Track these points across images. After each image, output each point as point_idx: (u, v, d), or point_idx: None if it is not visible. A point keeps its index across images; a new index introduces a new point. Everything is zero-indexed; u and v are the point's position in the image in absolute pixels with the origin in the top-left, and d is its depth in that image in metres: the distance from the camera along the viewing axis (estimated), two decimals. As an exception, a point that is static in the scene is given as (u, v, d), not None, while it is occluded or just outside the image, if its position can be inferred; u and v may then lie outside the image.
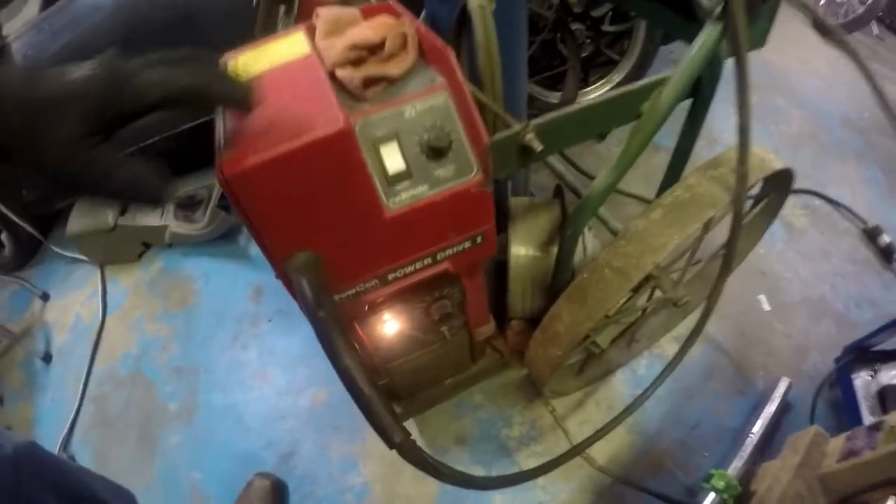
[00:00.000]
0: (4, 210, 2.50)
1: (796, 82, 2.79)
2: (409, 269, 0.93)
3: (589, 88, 2.40)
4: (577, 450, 1.34)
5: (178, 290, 2.33)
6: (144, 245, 2.50)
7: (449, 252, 0.94)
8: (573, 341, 1.11)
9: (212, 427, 1.89)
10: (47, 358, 2.29)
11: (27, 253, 2.74)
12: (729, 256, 1.18)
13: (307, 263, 0.78)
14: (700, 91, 1.12)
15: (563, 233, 1.18)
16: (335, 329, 0.70)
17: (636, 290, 1.33)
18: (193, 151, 2.38)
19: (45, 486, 1.00)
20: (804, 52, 2.89)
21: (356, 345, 1.16)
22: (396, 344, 1.26)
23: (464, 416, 1.70)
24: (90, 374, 2.16)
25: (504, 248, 1.51)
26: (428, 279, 0.97)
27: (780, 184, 1.33)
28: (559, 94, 2.34)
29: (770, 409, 1.55)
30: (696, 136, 1.23)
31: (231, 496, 1.63)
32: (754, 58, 0.92)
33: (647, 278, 1.29)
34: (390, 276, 0.93)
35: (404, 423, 1.67)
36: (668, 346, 1.75)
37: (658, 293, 1.37)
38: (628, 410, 1.38)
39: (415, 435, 1.68)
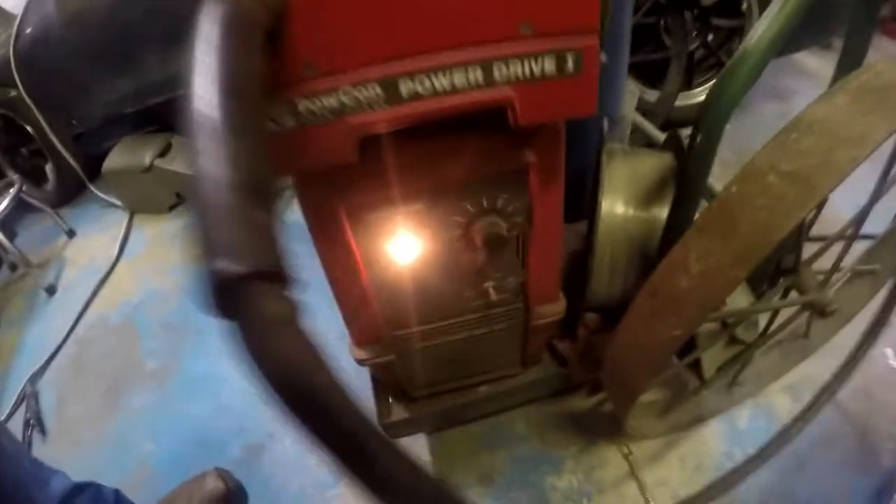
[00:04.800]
0: (55, 142, 2.40)
1: None
2: (441, 79, 0.53)
3: (693, 91, 1.99)
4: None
5: (196, 246, 2.06)
6: (178, 197, 2.32)
7: (514, 71, 0.53)
8: (705, 308, 0.64)
9: (184, 396, 1.55)
10: (50, 290, 2.13)
11: (69, 191, 2.65)
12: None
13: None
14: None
15: (695, 132, 0.74)
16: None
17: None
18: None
19: None
20: None
21: (350, 281, 0.76)
22: (414, 298, 0.84)
23: (497, 447, 1.23)
24: (82, 316, 1.96)
25: (583, 236, 1.09)
26: (475, 145, 0.57)
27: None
28: (658, 92, 1.95)
29: (896, 497, 1.09)
30: (878, 9, 0.87)
31: (178, 479, 1.24)
32: None
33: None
34: (403, 87, 0.53)
35: (413, 438, 1.25)
36: (776, 397, 1.26)
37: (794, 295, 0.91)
38: (726, 484, 0.92)
39: (425, 459, 1.25)
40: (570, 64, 0.53)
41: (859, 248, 1.09)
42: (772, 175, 0.60)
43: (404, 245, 0.74)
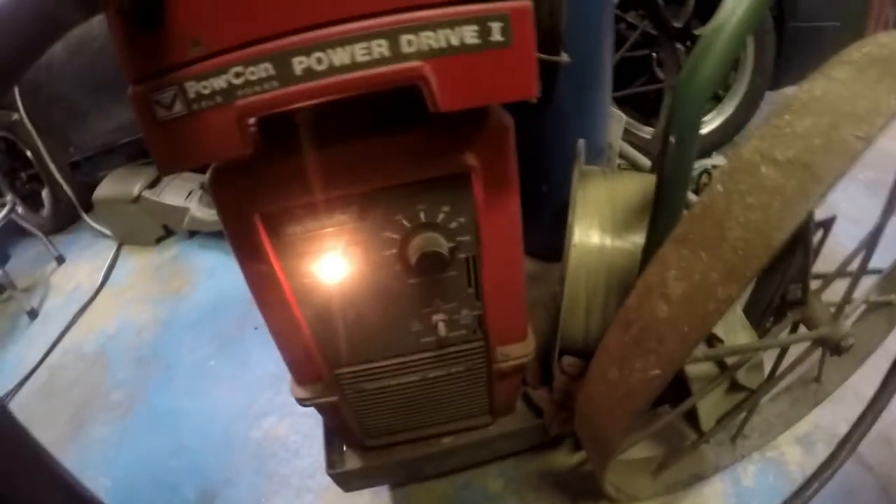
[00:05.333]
0: (52, 168, 2.40)
1: None
2: (340, 53, 0.44)
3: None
4: None
5: (178, 278, 2.03)
6: (165, 230, 2.26)
7: (427, 42, 0.44)
8: (690, 340, 0.52)
9: (144, 431, 1.46)
10: (32, 314, 2.09)
11: (63, 218, 2.62)
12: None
13: None
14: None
15: (667, 130, 0.63)
16: None
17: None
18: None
19: None
20: None
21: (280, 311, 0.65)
22: (352, 331, 0.73)
23: (468, 506, 1.09)
24: (58, 342, 1.90)
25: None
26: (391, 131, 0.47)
27: None
28: (652, 129, 1.88)
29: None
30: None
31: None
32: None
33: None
34: (297, 64, 0.44)
35: (374, 492, 1.11)
36: (787, 449, 1.11)
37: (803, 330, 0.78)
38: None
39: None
40: (496, 33, 0.44)
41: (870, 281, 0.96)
42: (764, 166, 0.49)
43: (332, 265, 0.64)
